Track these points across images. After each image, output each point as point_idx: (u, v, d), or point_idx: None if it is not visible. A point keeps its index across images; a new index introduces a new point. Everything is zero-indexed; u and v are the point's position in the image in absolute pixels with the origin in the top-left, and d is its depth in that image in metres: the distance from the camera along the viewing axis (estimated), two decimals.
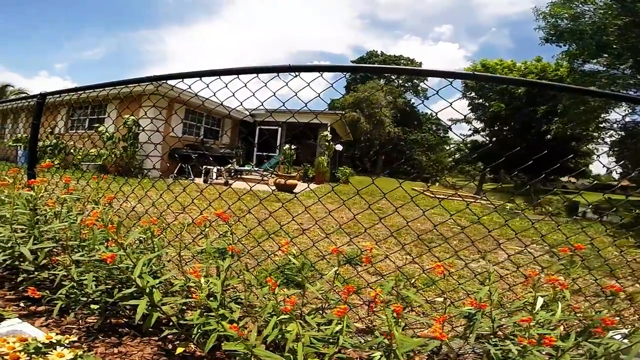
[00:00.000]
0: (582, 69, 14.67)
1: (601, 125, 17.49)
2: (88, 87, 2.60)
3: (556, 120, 18.80)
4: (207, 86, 1.73)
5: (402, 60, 41.64)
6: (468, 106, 27.40)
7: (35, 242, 1.46)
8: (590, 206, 13.14)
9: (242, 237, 2.71)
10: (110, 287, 1.29)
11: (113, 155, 8.73)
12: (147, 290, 1.00)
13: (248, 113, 11.94)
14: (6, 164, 5.46)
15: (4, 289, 1.76)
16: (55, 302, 1.28)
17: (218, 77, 1.72)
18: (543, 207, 9.72)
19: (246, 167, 11.08)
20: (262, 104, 1.74)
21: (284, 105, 1.71)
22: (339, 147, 13.07)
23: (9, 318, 1.19)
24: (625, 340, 1.11)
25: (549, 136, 19.17)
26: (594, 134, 19.83)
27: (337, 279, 1.24)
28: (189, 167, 9.31)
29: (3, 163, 6.75)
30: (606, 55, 12.96)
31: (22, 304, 1.60)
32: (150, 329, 1.43)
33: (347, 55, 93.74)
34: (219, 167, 9.40)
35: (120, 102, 9.52)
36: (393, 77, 41.62)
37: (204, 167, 9.41)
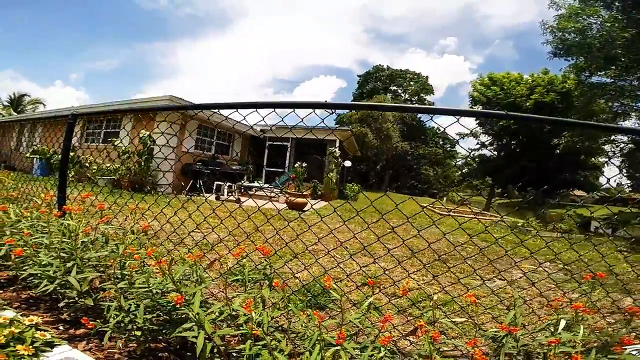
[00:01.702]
0: (590, 81, 14.71)
1: (611, 138, 17.37)
2: (118, 111, 2.72)
3: (565, 134, 18.74)
4: (244, 118, 1.81)
5: (409, 74, 42.08)
6: (475, 120, 27.44)
7: (78, 270, 1.53)
8: (602, 222, 12.94)
9: (263, 264, 2.77)
10: (154, 315, 1.35)
11: (127, 170, 8.91)
12: (202, 324, 1.06)
13: (259, 130, 12.16)
14: (15, 175, 5.64)
15: (40, 311, 1.82)
16: (103, 330, 1.34)
17: (255, 109, 1.79)
18: (555, 224, 9.61)
19: (256, 184, 11.20)
20: (280, 120, 1.81)
21: (301, 120, 1.74)
22: (347, 164, 13.16)
23: (59, 345, 1.25)
24: None
25: (557, 150, 19.05)
26: (604, 147, 19.69)
27: (371, 309, 1.29)
28: (201, 182, 9.46)
29: (20, 174, 6.96)
30: (614, 67, 13.00)
31: (61, 327, 1.66)
32: (188, 354, 1.49)
33: (354, 69, 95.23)
34: (230, 184, 9.52)
35: (135, 116, 9.82)
36: (400, 92, 42.03)
37: (216, 183, 9.54)
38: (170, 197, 7.33)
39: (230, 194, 9.42)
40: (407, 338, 1.89)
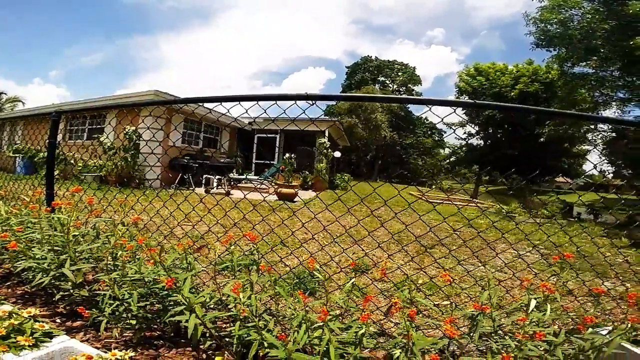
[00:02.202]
0: (572, 71, 15.02)
1: (592, 127, 17.86)
2: (103, 107, 2.69)
3: (548, 124, 19.16)
4: (228, 111, 1.86)
5: (396, 65, 42.09)
6: (462, 110, 27.76)
7: (72, 262, 1.57)
8: (585, 207, 13.40)
9: (251, 250, 2.84)
10: (148, 303, 1.41)
11: (114, 166, 8.81)
12: (193, 307, 1.13)
13: (247, 122, 12.10)
14: (5, 174, 5.54)
15: (36, 305, 1.86)
16: (99, 319, 1.40)
17: (239, 102, 1.83)
18: (539, 210, 9.92)
19: (246, 176, 11.19)
20: (263, 112, 1.86)
21: (284, 112, 1.80)
22: (337, 154, 13.23)
23: (58, 335, 1.29)
24: (608, 336, 1.26)
25: (541, 139, 19.52)
26: (586, 135, 20.24)
27: (354, 289, 1.38)
28: (190, 177, 9.41)
29: (1, 173, 6.81)
30: (595, 58, 13.30)
31: (57, 320, 1.70)
32: (182, 341, 1.55)
33: (343, 60, 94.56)
34: (219, 177, 9.51)
35: (119, 111, 9.66)
36: (388, 83, 42.06)
37: (205, 176, 9.51)
38: (158, 191, 7.29)
39: (219, 187, 9.41)
40: (391, 320, 1.99)
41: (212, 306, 1.43)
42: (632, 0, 10.40)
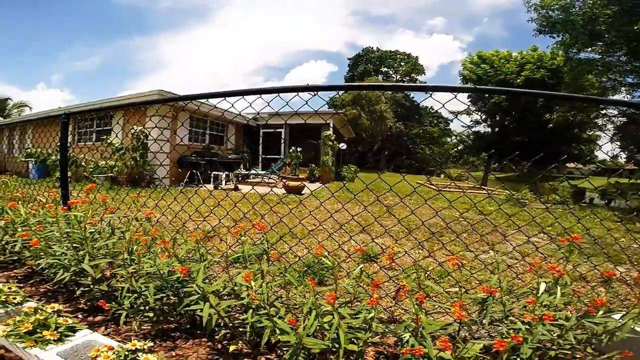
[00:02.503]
0: (578, 57, 14.69)
1: (602, 112, 17.47)
2: (109, 108, 2.75)
3: (557, 109, 18.80)
4: (232, 105, 1.88)
5: (399, 55, 41.60)
6: (468, 98, 27.36)
7: (90, 258, 1.63)
8: (597, 191, 13.16)
9: (261, 240, 2.89)
10: (164, 295, 1.46)
11: (124, 166, 8.96)
12: (207, 296, 1.17)
13: (251, 117, 12.13)
14: (16, 178, 5.69)
15: (58, 302, 1.93)
16: (119, 312, 1.45)
17: (242, 96, 1.87)
18: (549, 196, 9.80)
19: (253, 171, 11.26)
20: (266, 105, 1.87)
21: (287, 104, 1.82)
22: (342, 146, 13.22)
23: (80, 329, 1.35)
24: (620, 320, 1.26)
25: (550, 125, 19.17)
26: (596, 120, 19.81)
27: (362, 276, 1.41)
28: (199, 173, 9.52)
29: (15, 177, 6.97)
30: (600, 43, 12.99)
31: (80, 315, 1.77)
32: (198, 331, 1.61)
33: (344, 52, 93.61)
34: (227, 173, 9.60)
35: (126, 112, 9.78)
36: (391, 73, 41.62)
37: (213, 173, 9.61)
38: (168, 189, 7.41)
39: (228, 183, 9.51)
40: (400, 307, 2.02)
41: (225, 296, 1.48)
42: None
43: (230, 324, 1.30)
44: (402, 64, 41.27)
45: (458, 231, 3.55)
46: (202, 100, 2.30)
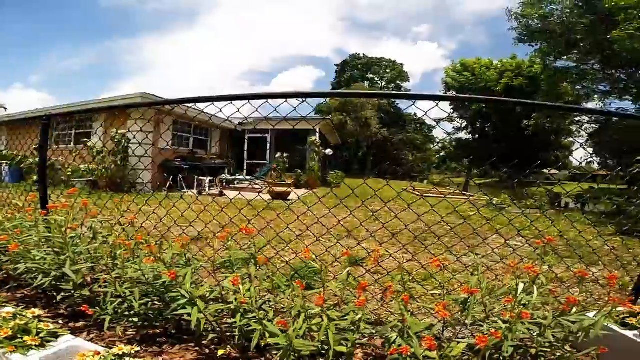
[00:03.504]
0: (555, 65, 15.34)
1: (576, 119, 18.26)
2: (93, 110, 2.68)
3: (534, 116, 19.53)
4: (221, 110, 1.89)
5: (384, 62, 42.32)
6: (450, 105, 28.08)
7: (72, 262, 1.59)
8: (571, 197, 13.70)
9: (248, 245, 2.88)
10: (149, 300, 1.44)
11: (104, 170, 8.72)
12: (195, 301, 1.16)
13: (237, 122, 12.05)
14: None
15: (37, 308, 1.86)
16: (102, 317, 1.42)
17: (230, 102, 1.87)
18: (527, 200, 10.13)
19: (238, 177, 11.17)
20: (255, 111, 1.89)
21: (275, 109, 1.84)
22: (329, 152, 13.29)
23: (63, 335, 1.31)
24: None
25: (528, 131, 19.90)
26: (571, 127, 20.70)
27: (349, 279, 1.43)
28: (182, 178, 9.37)
29: None
30: (576, 51, 13.60)
31: (60, 321, 1.72)
32: (185, 337, 1.59)
33: (331, 58, 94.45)
34: (211, 178, 9.49)
35: (107, 114, 9.56)
36: (377, 80, 42.28)
37: (197, 178, 9.48)
38: (150, 194, 7.25)
39: (211, 188, 9.39)
40: (386, 309, 2.06)
41: (211, 301, 1.47)
42: None
43: (218, 328, 1.30)
44: (387, 71, 42.03)
45: (440, 235, 3.65)
46: (189, 105, 2.29)
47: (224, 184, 10.12)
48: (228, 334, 1.43)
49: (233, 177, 10.84)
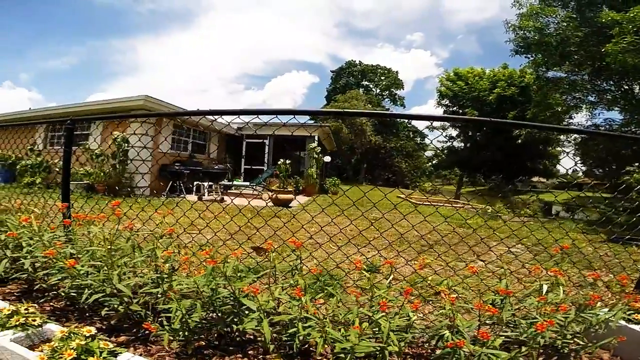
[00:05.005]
0: (546, 76, 15.81)
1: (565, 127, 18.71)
2: (123, 117, 2.68)
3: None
4: (222, 117, 1.95)
5: (379, 70, 42.89)
6: (443, 113, 28.58)
7: (120, 277, 1.61)
8: (562, 206, 14.09)
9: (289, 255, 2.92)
10: (207, 313, 1.46)
11: (102, 174, 8.62)
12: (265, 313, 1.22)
13: (237, 128, 12.07)
14: None
15: (71, 322, 1.83)
16: (161, 333, 1.43)
17: (237, 116, 1.98)
18: (522, 209, 10.40)
19: (237, 182, 11.16)
20: (254, 117, 1.98)
21: (276, 117, 1.97)
22: (327, 159, 13.39)
23: (121, 353, 1.32)
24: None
25: (519, 141, 20.36)
26: (560, 136, 21.25)
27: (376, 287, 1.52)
28: (181, 184, 9.32)
29: None
30: (568, 63, 14.03)
31: (101, 336, 1.72)
32: (230, 348, 1.62)
33: (326, 64, 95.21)
34: (210, 183, 9.46)
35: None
36: (371, 87, 42.78)
37: (196, 183, 9.44)
38: (150, 199, 7.20)
39: (210, 194, 9.36)
40: (418, 313, 2.13)
41: (266, 310, 1.52)
42: (605, 9, 11.09)
43: (277, 337, 1.34)
44: (382, 78, 42.59)
45: (442, 242, 3.78)
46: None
47: (222, 189, 10.10)
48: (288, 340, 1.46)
49: (232, 183, 10.83)
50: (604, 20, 10.39)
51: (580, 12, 12.58)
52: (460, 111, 26.78)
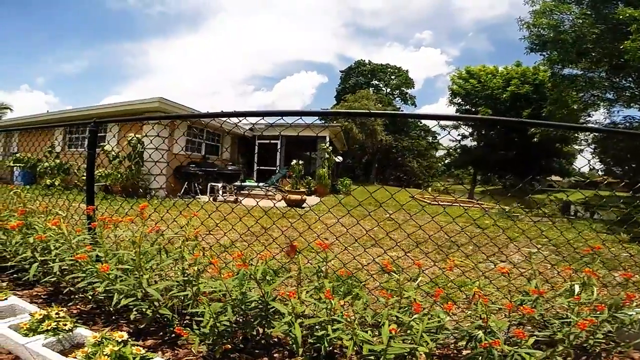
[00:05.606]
0: (562, 73, 15.43)
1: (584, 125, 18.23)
2: (147, 118, 2.71)
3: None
4: (237, 119, 1.94)
5: (389, 69, 42.58)
6: (456, 112, 28.20)
7: (149, 281, 1.62)
8: (581, 205, 13.73)
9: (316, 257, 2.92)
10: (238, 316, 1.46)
11: (119, 175, 8.77)
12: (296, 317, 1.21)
13: (248, 128, 12.14)
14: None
15: (98, 325, 1.84)
16: (191, 336, 1.43)
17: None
18: (540, 209, 10.16)
19: (250, 183, 11.22)
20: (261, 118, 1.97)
21: (288, 115, 1.96)
22: (339, 159, 13.36)
23: (153, 358, 1.32)
24: None
25: (535, 139, 19.91)
26: (577, 135, 20.71)
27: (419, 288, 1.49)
28: (196, 185, 9.42)
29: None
30: (585, 60, 13.67)
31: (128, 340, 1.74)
32: (257, 351, 1.61)
33: (334, 64, 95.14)
34: (224, 185, 9.53)
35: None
36: (381, 86, 42.51)
37: (210, 184, 9.52)
38: (166, 200, 7.30)
39: (224, 195, 9.43)
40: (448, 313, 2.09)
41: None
42: (621, 6, 10.79)
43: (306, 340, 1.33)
44: (392, 77, 42.26)
45: (463, 243, 3.71)
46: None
47: (236, 190, 10.18)
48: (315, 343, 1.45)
49: (246, 184, 10.89)
50: (620, 16, 10.11)
51: (595, 8, 12.26)
52: (473, 110, 26.37)
